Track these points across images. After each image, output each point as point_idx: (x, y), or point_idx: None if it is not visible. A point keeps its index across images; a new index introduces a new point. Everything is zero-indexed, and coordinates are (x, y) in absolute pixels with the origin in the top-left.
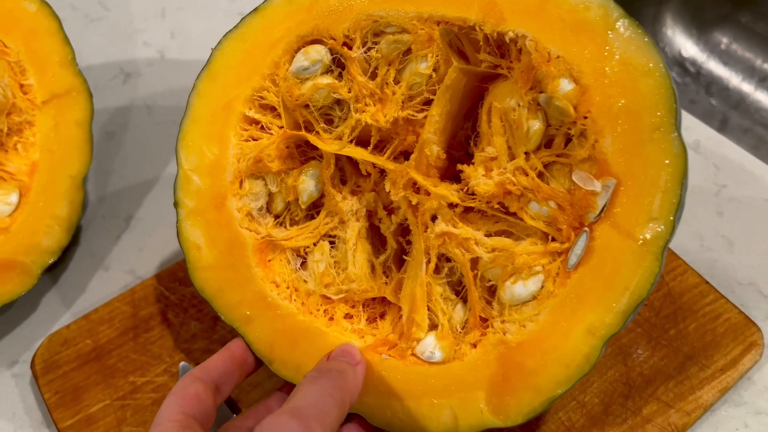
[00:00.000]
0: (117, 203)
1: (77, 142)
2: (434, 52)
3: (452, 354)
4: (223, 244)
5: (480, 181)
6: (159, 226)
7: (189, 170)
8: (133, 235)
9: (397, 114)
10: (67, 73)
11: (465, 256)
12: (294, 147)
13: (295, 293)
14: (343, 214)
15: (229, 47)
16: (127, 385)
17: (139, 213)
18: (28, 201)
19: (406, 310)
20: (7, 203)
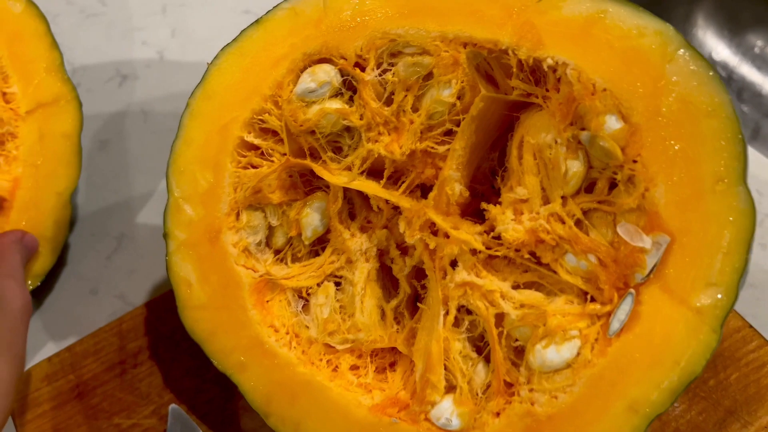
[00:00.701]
0: (108, 220)
1: (64, 156)
2: (459, 78)
3: (472, 423)
4: (216, 282)
5: (509, 226)
6: (152, 247)
7: (180, 198)
8: (124, 256)
9: (414, 146)
10: (55, 80)
11: (489, 311)
12: (297, 176)
13: (296, 340)
14: (351, 253)
15: (227, 63)
16: (111, 428)
17: (131, 231)
18: (9, 221)
19: (420, 367)
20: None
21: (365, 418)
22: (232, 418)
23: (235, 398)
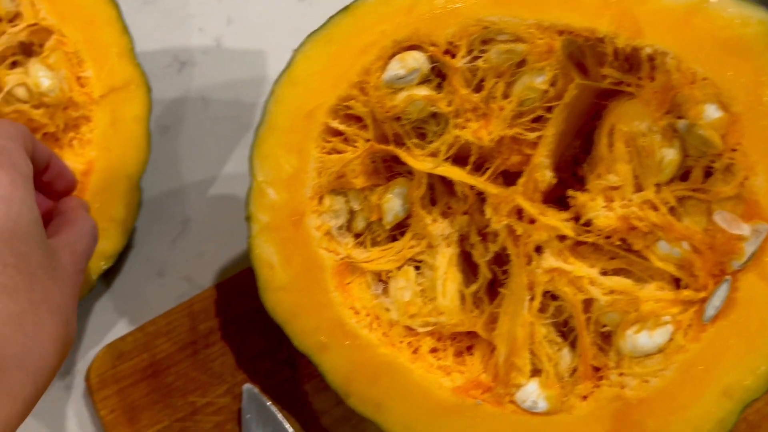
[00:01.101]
0: (172, 204)
1: (135, 140)
2: (553, 65)
3: (559, 405)
4: (298, 265)
5: (600, 213)
6: (217, 231)
7: (264, 183)
8: (190, 240)
9: (503, 132)
10: (126, 65)
11: (577, 297)
12: (380, 162)
13: (376, 322)
14: (433, 238)
15: (314, 50)
16: (186, 406)
17: (195, 215)
18: None
19: (504, 351)
20: None
21: (448, 399)
22: (304, 399)
23: (307, 380)
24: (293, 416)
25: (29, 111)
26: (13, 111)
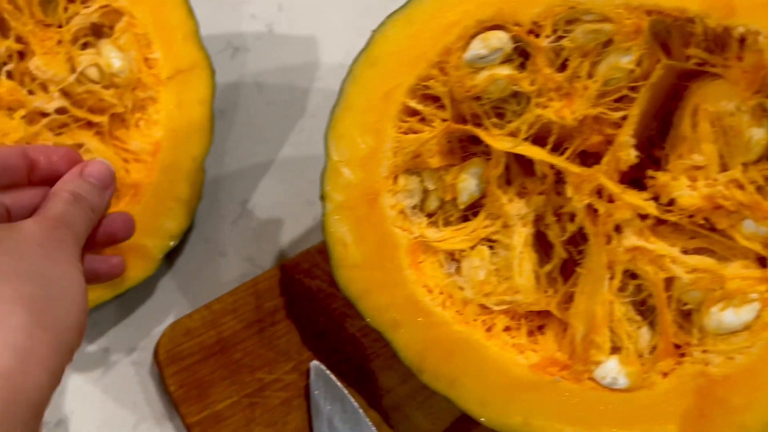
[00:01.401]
0: (231, 186)
1: (199, 122)
2: (640, 45)
3: (639, 382)
4: (372, 243)
5: (684, 192)
6: (276, 213)
7: (339, 162)
8: (250, 221)
9: (587, 111)
10: (192, 48)
11: (658, 275)
12: (456, 142)
13: (449, 300)
14: (509, 217)
15: (393, 30)
16: (254, 382)
17: (254, 198)
18: (151, 182)
19: (581, 329)
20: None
21: (525, 376)
22: (370, 377)
23: (371, 358)
24: (359, 394)
25: (100, 91)
26: (85, 91)
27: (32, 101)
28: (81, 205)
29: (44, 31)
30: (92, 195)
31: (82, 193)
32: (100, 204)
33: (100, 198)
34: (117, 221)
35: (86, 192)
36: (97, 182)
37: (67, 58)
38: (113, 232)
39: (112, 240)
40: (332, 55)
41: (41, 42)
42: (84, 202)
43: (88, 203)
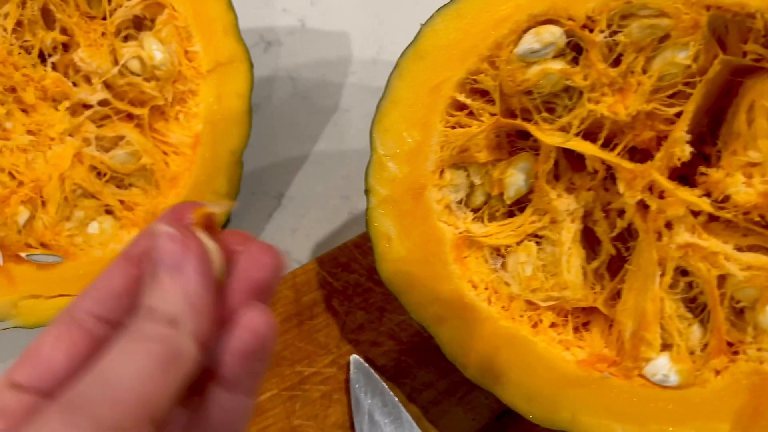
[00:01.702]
0: (267, 180)
1: (237, 115)
2: (698, 41)
3: (691, 379)
4: (417, 237)
5: (739, 189)
6: (312, 207)
7: (385, 156)
8: (285, 215)
9: (641, 107)
10: (231, 41)
11: (711, 272)
12: (504, 137)
13: (495, 295)
14: (557, 213)
15: (442, 24)
16: (294, 375)
17: (290, 191)
18: (192, 175)
19: (630, 325)
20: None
21: (572, 372)
22: (408, 372)
23: (410, 353)
24: (398, 388)
25: (141, 83)
26: (126, 83)
27: (76, 93)
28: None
29: (88, 23)
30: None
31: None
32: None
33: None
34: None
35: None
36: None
37: (110, 50)
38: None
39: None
40: (365, 50)
41: (85, 34)
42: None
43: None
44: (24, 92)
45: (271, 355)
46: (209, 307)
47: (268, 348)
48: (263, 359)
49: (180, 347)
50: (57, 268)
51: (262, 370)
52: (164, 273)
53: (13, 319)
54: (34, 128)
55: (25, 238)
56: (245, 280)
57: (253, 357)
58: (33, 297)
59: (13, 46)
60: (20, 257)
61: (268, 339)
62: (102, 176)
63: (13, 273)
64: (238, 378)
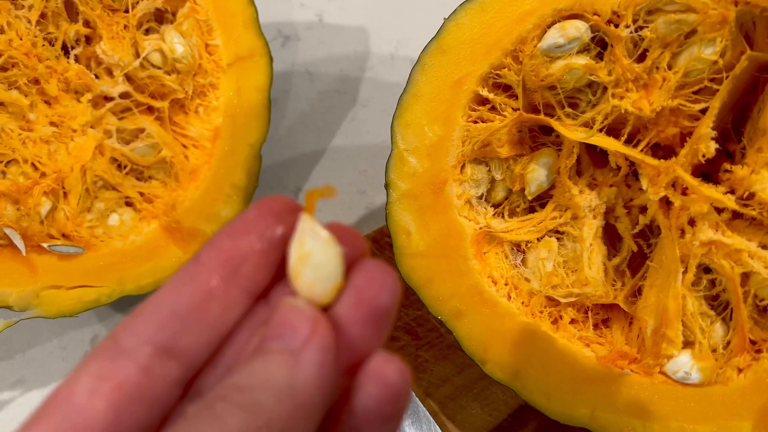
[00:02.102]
0: (284, 174)
1: (256, 109)
2: (725, 36)
3: (713, 377)
4: (437, 232)
5: (765, 186)
6: (328, 202)
7: (405, 150)
8: None
9: (666, 103)
10: (251, 35)
11: (734, 270)
12: (526, 131)
13: (515, 291)
14: (579, 209)
15: (466, 18)
16: None
17: (307, 186)
18: (211, 167)
19: (652, 322)
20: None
21: (593, 368)
22: (425, 367)
23: (427, 348)
24: (415, 383)
25: (162, 76)
26: (147, 76)
27: (98, 85)
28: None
29: (111, 16)
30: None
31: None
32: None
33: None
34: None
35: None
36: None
37: (132, 43)
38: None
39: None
40: (383, 45)
41: (108, 27)
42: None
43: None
44: (47, 84)
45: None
46: (317, 412)
47: (403, 412)
48: (395, 426)
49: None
50: (78, 259)
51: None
52: (275, 351)
53: (35, 309)
54: (56, 120)
55: (47, 228)
56: (367, 306)
57: (385, 424)
58: (54, 287)
59: (37, 38)
60: (42, 248)
61: (405, 400)
62: (122, 168)
63: (35, 263)
64: None
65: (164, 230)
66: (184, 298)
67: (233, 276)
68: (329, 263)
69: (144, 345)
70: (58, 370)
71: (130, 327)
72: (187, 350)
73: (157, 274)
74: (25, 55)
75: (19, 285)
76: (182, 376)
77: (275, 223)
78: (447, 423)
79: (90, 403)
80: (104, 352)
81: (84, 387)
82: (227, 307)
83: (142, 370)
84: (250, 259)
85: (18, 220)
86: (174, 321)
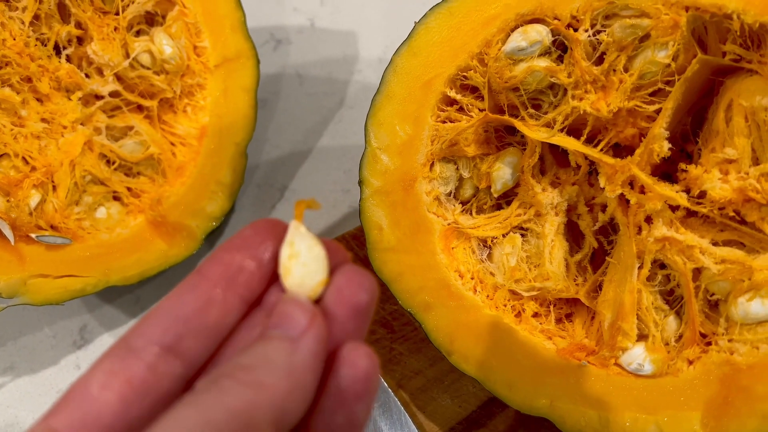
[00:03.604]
0: (271, 172)
1: (243, 109)
2: (677, 40)
3: (665, 369)
4: (407, 227)
5: (715, 185)
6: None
7: (378, 149)
8: (288, 207)
9: (622, 104)
10: (238, 38)
11: (687, 265)
12: (492, 131)
13: (480, 285)
14: (542, 206)
15: (435, 22)
16: None
17: (293, 184)
18: (196, 164)
19: (609, 316)
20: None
21: (552, 360)
22: (399, 359)
23: (401, 341)
24: (388, 375)
25: (151, 77)
26: (137, 76)
27: (88, 84)
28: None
29: (102, 18)
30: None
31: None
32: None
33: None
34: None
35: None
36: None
37: (122, 44)
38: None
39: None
40: (371, 49)
41: (99, 28)
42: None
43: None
44: (39, 82)
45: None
46: (309, 392)
47: (373, 394)
48: (367, 406)
49: (254, 420)
50: (65, 250)
51: (363, 420)
52: (277, 336)
53: (22, 296)
54: (47, 116)
55: (36, 220)
56: (348, 303)
57: (356, 403)
58: (41, 276)
59: (30, 38)
60: (31, 238)
61: (373, 382)
62: (111, 164)
63: (23, 252)
64: (335, 429)
65: (150, 224)
66: (187, 304)
67: (231, 285)
68: (315, 261)
69: (151, 345)
70: (47, 357)
71: (139, 330)
72: (190, 350)
73: (142, 265)
74: (18, 54)
75: (7, 273)
76: (185, 373)
77: (267, 239)
78: (418, 414)
79: (102, 396)
80: (116, 352)
81: (97, 381)
82: (225, 312)
83: (149, 367)
84: (245, 270)
85: (8, 210)
86: (178, 324)
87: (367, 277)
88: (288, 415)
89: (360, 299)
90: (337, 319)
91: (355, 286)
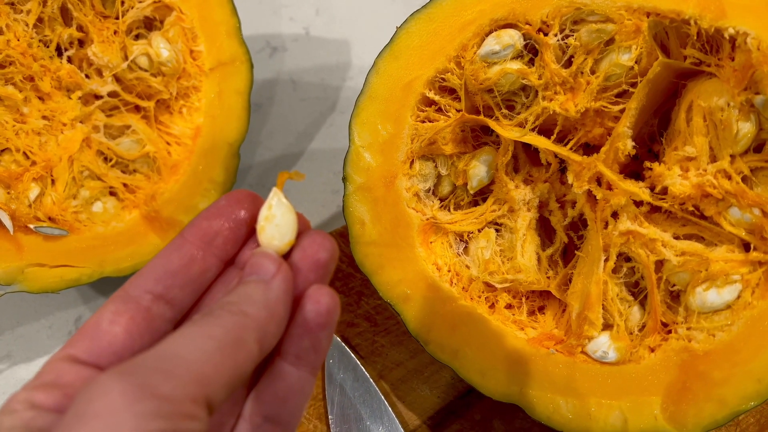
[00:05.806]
0: (263, 174)
1: (236, 111)
2: (639, 44)
3: (627, 356)
4: (388, 222)
5: (676, 181)
6: (304, 200)
7: (361, 147)
8: None
9: (589, 104)
10: (233, 43)
11: (650, 258)
12: (469, 131)
13: (456, 277)
14: (514, 202)
15: (416, 27)
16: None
17: (285, 185)
18: (190, 163)
19: (577, 307)
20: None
21: (523, 348)
22: (381, 351)
23: (383, 334)
24: (370, 366)
25: (148, 78)
26: (135, 78)
27: (88, 84)
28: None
29: (102, 21)
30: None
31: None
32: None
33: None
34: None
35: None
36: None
37: (121, 47)
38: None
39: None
40: (363, 57)
41: (99, 31)
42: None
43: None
44: (41, 81)
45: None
46: (282, 320)
47: (333, 324)
48: (328, 335)
49: (243, 338)
50: (62, 241)
51: (326, 346)
52: (253, 280)
53: (20, 284)
54: (48, 114)
55: (35, 211)
56: (310, 259)
57: (319, 331)
58: (38, 265)
59: (33, 39)
60: (29, 228)
61: (333, 315)
62: (108, 161)
63: (21, 242)
64: (303, 352)
65: (144, 219)
66: (173, 261)
67: (209, 247)
68: (287, 224)
69: (146, 293)
70: (44, 346)
71: (135, 281)
72: (177, 299)
73: (135, 258)
74: (21, 54)
75: (5, 261)
76: (174, 317)
77: (240, 208)
78: (398, 403)
79: (111, 329)
80: (118, 298)
81: (106, 319)
82: (205, 269)
83: (146, 309)
84: (220, 234)
85: (8, 202)
86: (167, 277)
87: (328, 239)
88: (267, 336)
89: (320, 256)
90: (302, 271)
91: (317, 246)
